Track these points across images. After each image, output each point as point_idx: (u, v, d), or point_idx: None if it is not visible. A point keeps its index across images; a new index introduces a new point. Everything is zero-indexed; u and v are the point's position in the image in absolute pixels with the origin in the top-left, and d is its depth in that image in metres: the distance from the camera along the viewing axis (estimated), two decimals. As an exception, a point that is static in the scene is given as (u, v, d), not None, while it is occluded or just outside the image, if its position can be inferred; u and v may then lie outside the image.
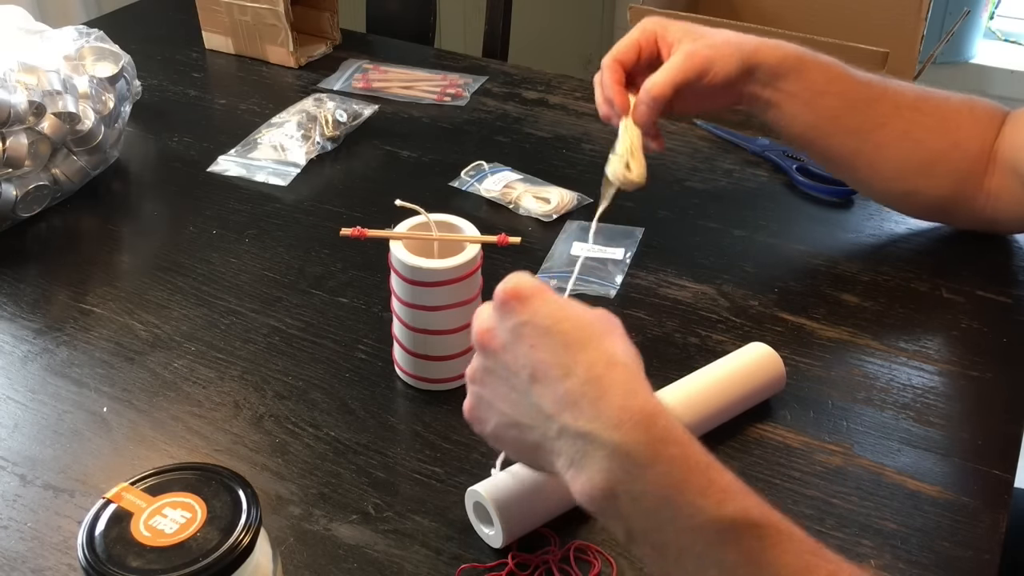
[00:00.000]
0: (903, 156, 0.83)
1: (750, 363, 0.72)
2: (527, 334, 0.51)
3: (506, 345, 0.52)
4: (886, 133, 0.82)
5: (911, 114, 0.82)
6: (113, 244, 0.94)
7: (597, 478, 0.48)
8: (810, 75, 0.81)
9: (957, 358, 0.78)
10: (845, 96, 0.82)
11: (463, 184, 1.01)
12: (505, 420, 0.53)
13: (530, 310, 0.51)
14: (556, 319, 0.51)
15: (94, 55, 1.00)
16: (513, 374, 0.52)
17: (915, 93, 0.83)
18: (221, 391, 0.75)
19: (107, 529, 0.47)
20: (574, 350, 0.50)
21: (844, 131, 0.83)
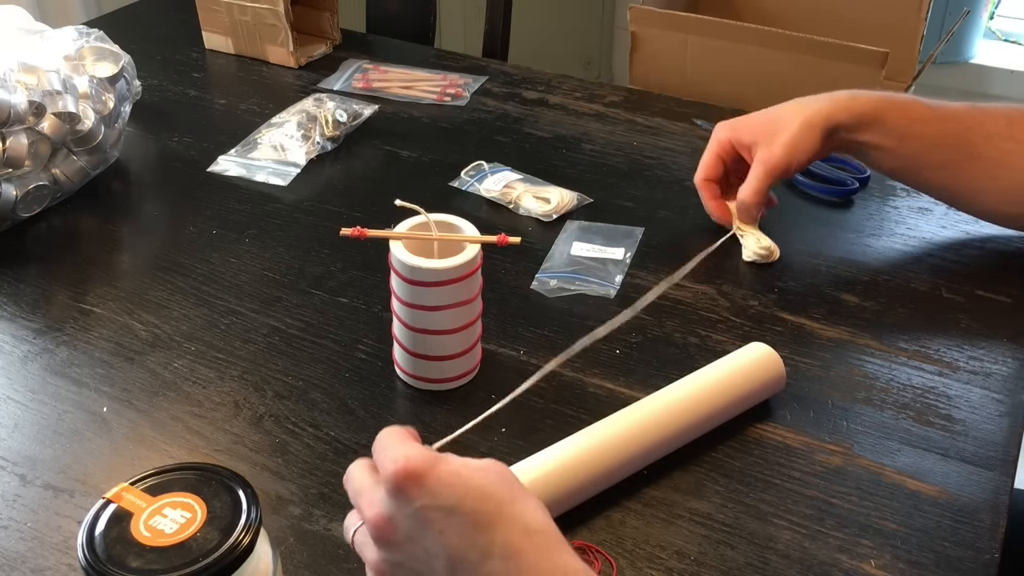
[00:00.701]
0: (1003, 186, 0.82)
1: (750, 363, 0.72)
2: (433, 519, 0.48)
3: (411, 535, 0.48)
4: (980, 166, 0.81)
5: (1004, 144, 0.80)
6: (113, 244, 0.94)
7: None
8: (888, 123, 0.82)
9: (957, 358, 0.77)
10: (928, 137, 0.82)
11: (463, 184, 1.01)
12: None
13: (429, 492, 0.48)
14: (459, 496, 0.48)
15: (94, 55, 1.00)
16: (425, 564, 0.49)
17: (1008, 118, 0.82)
18: (221, 391, 0.75)
19: (107, 529, 0.47)
20: (487, 527, 0.47)
21: (933, 167, 0.83)
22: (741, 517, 0.64)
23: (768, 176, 0.84)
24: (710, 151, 0.89)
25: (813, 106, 0.83)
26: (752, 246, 0.88)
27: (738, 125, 0.87)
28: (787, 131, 0.82)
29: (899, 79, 1.52)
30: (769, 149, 0.83)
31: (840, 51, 1.31)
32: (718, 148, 0.88)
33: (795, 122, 0.82)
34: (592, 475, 0.63)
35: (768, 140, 0.84)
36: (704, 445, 0.69)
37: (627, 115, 1.15)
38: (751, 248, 0.88)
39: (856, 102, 0.82)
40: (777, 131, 0.83)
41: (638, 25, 1.43)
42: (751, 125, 0.86)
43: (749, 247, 0.88)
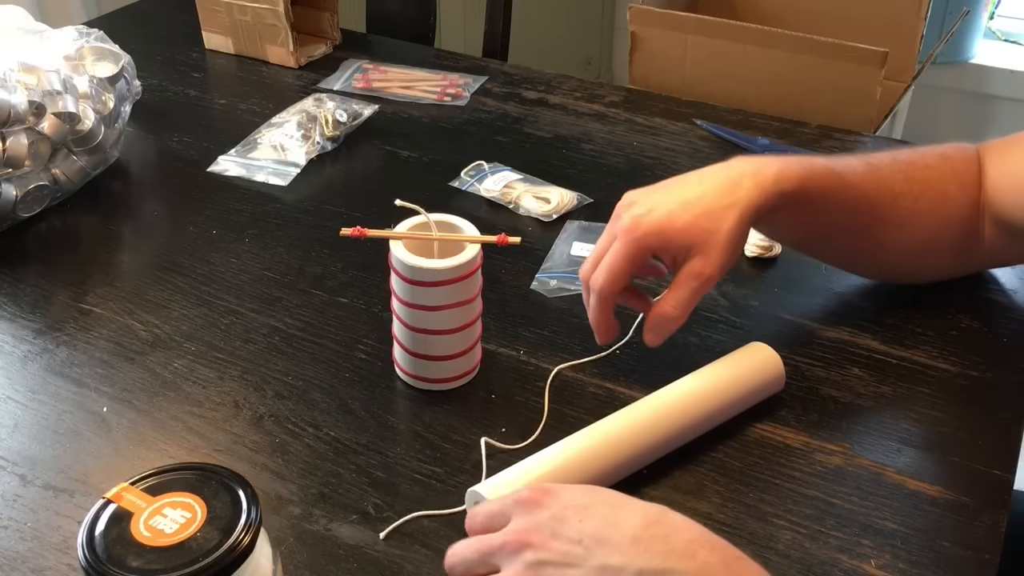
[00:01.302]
0: (902, 245, 0.80)
1: (750, 363, 0.72)
2: (570, 516, 0.52)
3: (554, 532, 0.51)
4: (884, 228, 0.79)
5: (906, 201, 0.78)
6: (113, 244, 0.94)
7: None
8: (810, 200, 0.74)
9: (957, 358, 0.77)
10: (841, 209, 0.77)
11: (463, 184, 1.01)
12: None
13: (561, 498, 0.53)
14: (587, 494, 0.53)
15: (94, 55, 1.00)
16: (570, 553, 0.51)
17: (903, 173, 0.79)
18: (221, 391, 0.75)
19: (107, 529, 0.47)
20: (620, 508, 0.52)
21: (842, 236, 0.79)
22: (741, 517, 0.64)
23: (701, 292, 0.70)
24: (624, 255, 0.70)
25: (742, 199, 0.71)
26: (752, 240, 0.88)
27: (666, 229, 0.70)
28: (723, 234, 0.69)
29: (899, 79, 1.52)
30: (706, 260, 0.69)
31: (840, 51, 1.31)
32: (637, 253, 0.70)
33: (730, 219, 0.70)
34: (592, 475, 0.63)
35: (705, 247, 0.69)
36: (704, 445, 0.69)
37: (627, 115, 1.15)
38: (752, 243, 0.88)
39: (783, 184, 0.72)
40: (713, 233, 0.69)
41: (638, 25, 1.43)
42: (685, 229, 0.70)
43: (750, 242, 0.88)
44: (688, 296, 0.70)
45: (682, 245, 0.70)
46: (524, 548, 0.51)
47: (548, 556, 0.51)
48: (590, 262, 0.73)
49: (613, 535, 0.50)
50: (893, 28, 1.52)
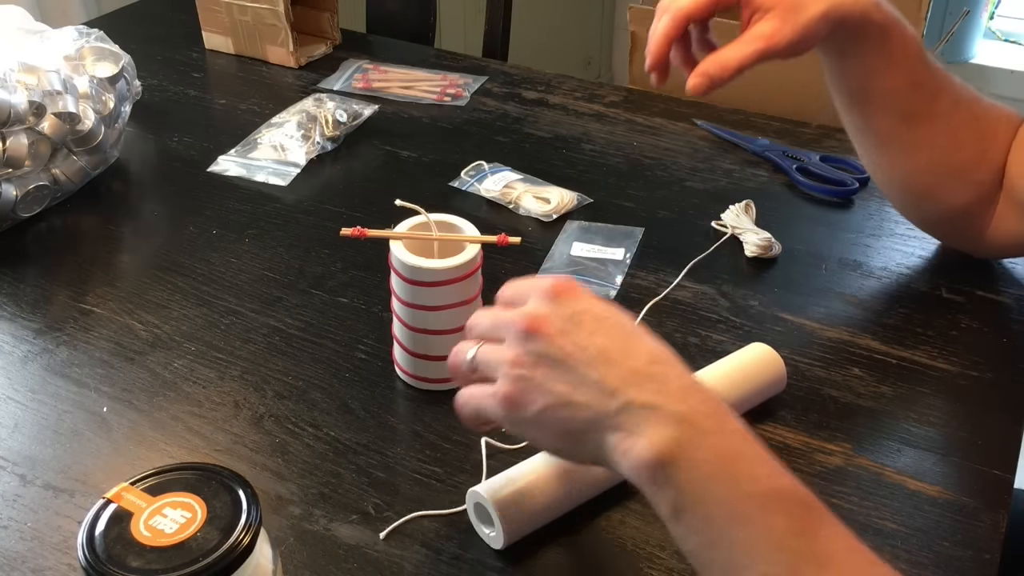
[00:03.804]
0: (938, 156, 0.80)
1: (750, 363, 0.72)
2: (586, 321, 0.53)
3: (564, 330, 0.52)
4: (933, 127, 0.79)
5: (963, 115, 0.79)
6: (113, 244, 0.94)
7: (659, 443, 0.48)
8: (886, 45, 0.75)
9: (957, 358, 0.77)
10: (910, 78, 0.77)
11: (463, 184, 1.01)
12: (556, 400, 0.52)
13: (584, 302, 0.54)
14: (610, 311, 0.54)
15: (94, 55, 1.00)
16: (572, 356, 0.52)
17: (970, 94, 0.80)
18: (221, 391, 0.75)
19: (107, 529, 0.47)
20: (633, 338, 0.53)
21: (894, 111, 0.79)
22: (741, 517, 0.64)
23: (764, 57, 0.71)
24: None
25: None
26: (752, 240, 0.88)
27: None
28: (810, 13, 0.71)
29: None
30: (783, 27, 0.71)
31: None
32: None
33: (817, 10, 0.71)
34: (593, 475, 0.63)
35: (785, 14, 0.71)
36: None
37: (627, 115, 1.15)
38: (752, 243, 0.88)
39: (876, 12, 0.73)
40: (796, 10, 0.71)
41: (638, 25, 1.43)
42: None
43: (750, 242, 0.88)
44: (748, 52, 0.71)
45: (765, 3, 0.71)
46: (532, 333, 0.53)
47: (550, 350, 0.52)
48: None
49: (617, 357, 0.51)
50: (893, 28, 1.51)
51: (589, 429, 0.52)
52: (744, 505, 0.47)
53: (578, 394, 0.51)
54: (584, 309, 0.53)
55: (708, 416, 0.50)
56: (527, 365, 0.53)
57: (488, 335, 0.56)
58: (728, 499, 0.48)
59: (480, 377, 0.56)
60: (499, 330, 0.55)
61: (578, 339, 0.52)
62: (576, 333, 0.52)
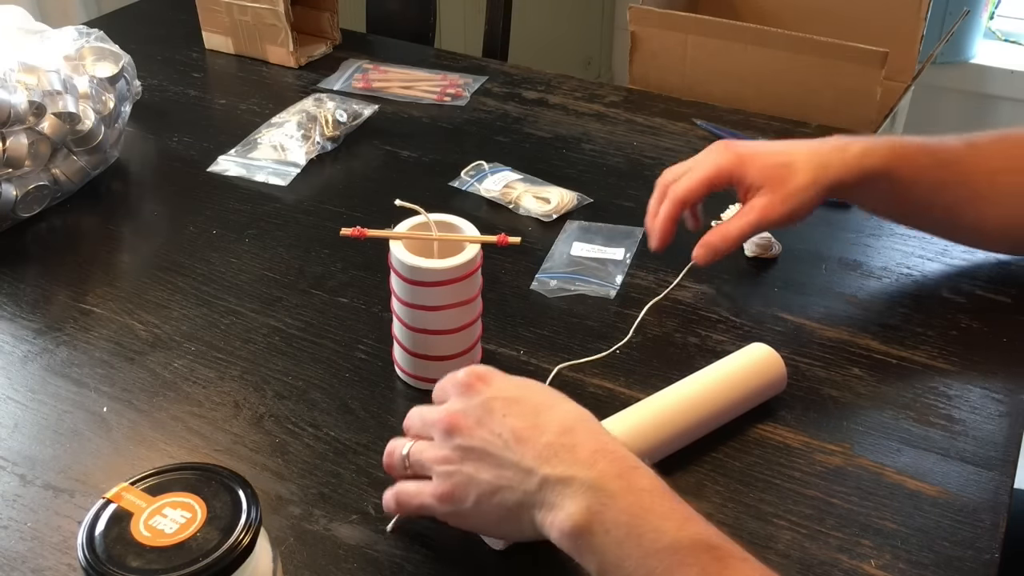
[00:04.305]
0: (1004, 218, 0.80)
1: (750, 363, 0.72)
2: (497, 407, 0.56)
3: (480, 420, 0.56)
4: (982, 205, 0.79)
5: (1006, 178, 0.79)
6: (113, 244, 0.94)
7: (576, 514, 0.52)
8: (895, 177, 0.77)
9: (957, 358, 0.77)
10: (932, 185, 0.79)
11: (463, 184, 1.01)
12: (486, 488, 0.56)
13: (494, 386, 0.58)
14: (519, 387, 0.58)
15: (94, 55, 1.00)
16: (490, 444, 0.56)
17: (998, 146, 0.80)
18: (221, 391, 0.75)
19: (107, 529, 0.47)
20: (543, 411, 0.56)
21: (936, 210, 0.80)
22: (741, 517, 0.64)
23: (760, 226, 0.76)
24: (703, 173, 0.77)
25: (826, 160, 0.76)
26: (752, 240, 0.88)
27: (746, 159, 0.77)
28: (796, 184, 0.75)
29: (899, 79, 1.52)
30: (773, 200, 0.75)
31: (840, 51, 1.31)
32: (715, 174, 0.77)
33: (807, 176, 0.75)
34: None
35: (775, 188, 0.75)
36: (704, 445, 0.69)
37: (627, 115, 1.15)
38: (752, 242, 0.88)
39: (867, 160, 0.76)
40: (786, 180, 0.75)
41: (638, 25, 1.43)
42: (762, 165, 0.76)
43: (750, 242, 0.88)
44: (744, 224, 0.76)
45: (756, 179, 0.76)
46: (453, 431, 0.57)
47: (471, 442, 0.56)
48: (673, 171, 0.81)
49: (529, 435, 0.55)
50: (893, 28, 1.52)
51: (519, 509, 0.55)
52: (653, 561, 0.50)
53: (503, 479, 0.55)
54: (493, 396, 0.57)
55: (617, 477, 0.53)
56: (455, 461, 0.57)
57: (420, 433, 0.60)
58: (640, 557, 0.51)
59: (414, 473, 0.60)
60: (427, 429, 0.59)
61: (492, 426, 0.56)
62: (490, 421, 0.56)
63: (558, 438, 0.54)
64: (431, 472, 0.58)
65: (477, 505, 0.57)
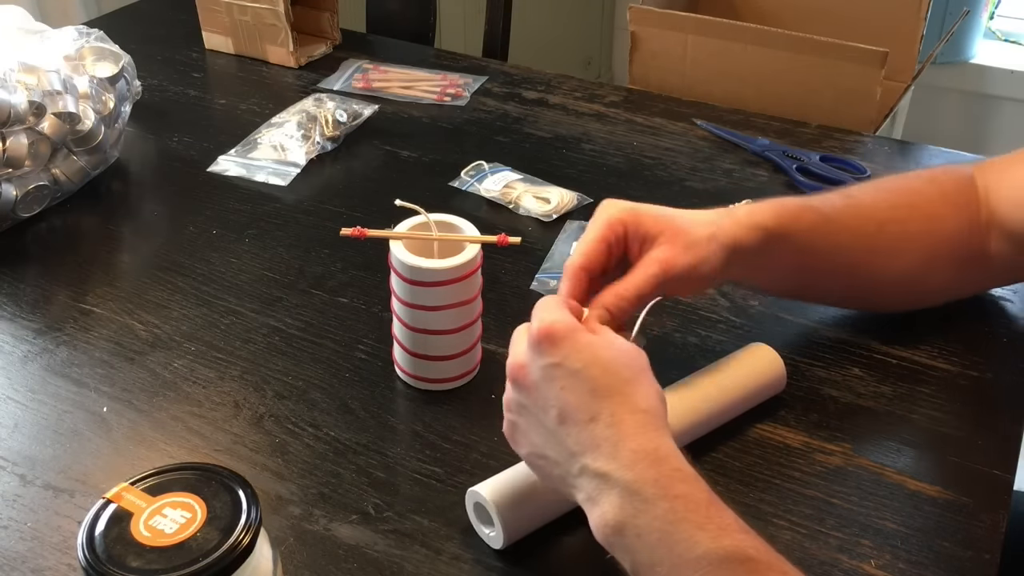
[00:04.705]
0: (898, 272, 0.77)
1: (750, 363, 0.72)
2: (558, 376, 0.55)
3: (537, 384, 0.56)
4: (875, 258, 0.77)
5: (893, 227, 0.76)
6: (113, 244, 0.94)
7: (609, 514, 0.52)
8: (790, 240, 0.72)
9: (957, 358, 0.77)
10: (826, 241, 0.74)
11: (463, 184, 1.01)
12: (535, 451, 0.58)
13: (562, 353, 0.55)
14: (586, 363, 0.55)
15: (94, 55, 1.00)
16: (543, 411, 0.56)
17: (887, 201, 0.78)
18: (221, 391, 0.75)
19: (107, 529, 0.47)
20: (601, 396, 0.54)
21: (834, 273, 0.77)
22: (741, 517, 0.64)
23: (662, 280, 0.65)
24: (595, 233, 0.67)
25: (715, 219, 0.69)
26: None
27: (637, 210, 0.68)
28: (696, 236, 0.67)
29: (899, 79, 1.52)
30: (673, 252, 0.66)
31: (840, 51, 1.31)
32: (608, 231, 0.67)
33: (703, 234, 0.67)
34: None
35: (673, 238, 0.66)
36: (704, 445, 0.69)
37: (627, 115, 1.15)
38: None
39: (757, 218, 0.70)
40: (685, 230, 0.67)
41: (638, 25, 1.43)
42: (657, 214, 0.68)
43: None
44: (643, 281, 0.65)
45: (651, 230, 0.67)
46: (514, 383, 0.58)
47: (527, 402, 0.57)
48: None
49: (580, 417, 0.54)
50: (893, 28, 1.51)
51: (561, 482, 0.56)
52: (686, 570, 0.50)
53: (549, 449, 0.56)
54: (558, 362, 0.55)
55: (653, 483, 0.52)
56: (514, 411, 0.58)
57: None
58: (672, 565, 0.50)
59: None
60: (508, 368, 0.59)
61: (549, 394, 0.55)
62: (548, 388, 0.55)
63: (605, 429, 0.54)
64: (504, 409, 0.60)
65: (527, 457, 0.59)
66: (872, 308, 0.83)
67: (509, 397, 0.59)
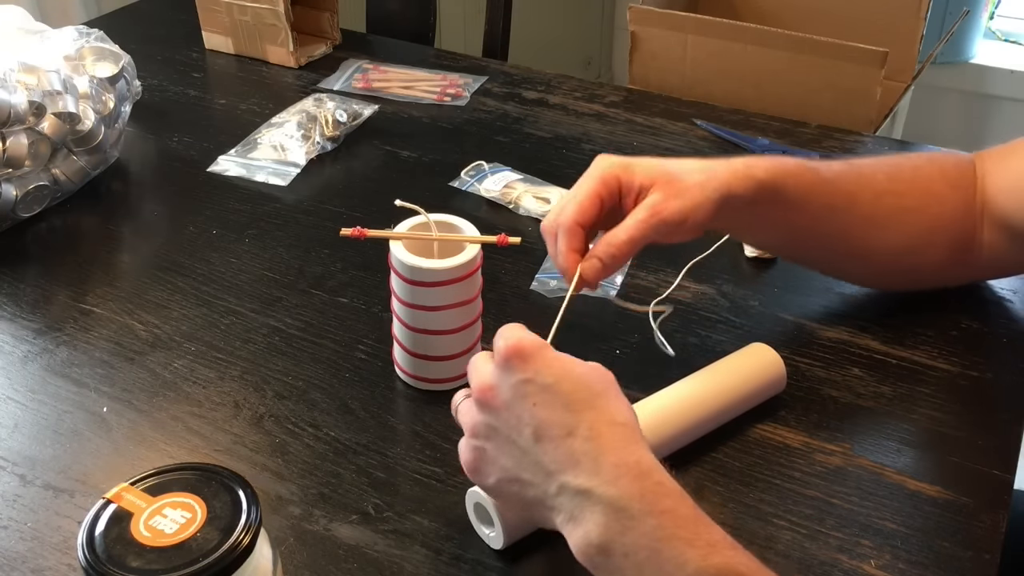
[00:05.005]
0: (890, 245, 0.78)
1: (750, 363, 0.72)
2: (530, 392, 0.53)
3: (508, 403, 0.54)
4: (868, 227, 0.77)
5: (889, 199, 0.77)
6: (113, 244, 0.94)
7: (593, 532, 0.50)
8: (785, 193, 0.72)
9: (957, 358, 0.77)
10: (821, 205, 0.75)
11: (463, 184, 1.01)
12: (506, 475, 0.55)
13: (532, 368, 0.54)
14: (557, 378, 0.53)
15: (94, 55, 1.00)
16: (516, 431, 0.54)
17: (886, 173, 0.78)
18: (221, 391, 0.75)
19: (107, 529, 0.47)
20: (576, 410, 0.53)
21: (826, 236, 0.77)
22: (741, 517, 0.64)
23: (655, 227, 0.66)
24: (589, 187, 0.68)
25: (711, 167, 0.70)
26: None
27: (630, 163, 0.69)
28: (687, 183, 0.68)
29: (899, 79, 1.52)
30: (664, 197, 0.67)
31: (840, 51, 1.31)
32: (601, 185, 0.68)
33: (695, 180, 0.68)
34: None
35: (665, 187, 0.67)
36: (704, 445, 0.69)
37: (627, 115, 1.15)
38: None
39: (753, 170, 0.71)
40: (674, 181, 0.68)
41: (638, 25, 1.43)
42: (647, 167, 0.69)
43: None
44: (633, 227, 0.66)
45: (644, 181, 0.68)
46: (482, 404, 0.55)
47: (497, 424, 0.55)
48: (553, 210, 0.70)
49: (556, 433, 0.52)
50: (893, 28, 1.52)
51: (538, 505, 0.54)
52: None
53: (523, 471, 0.54)
54: (529, 378, 0.53)
55: (639, 498, 0.50)
56: (481, 436, 0.56)
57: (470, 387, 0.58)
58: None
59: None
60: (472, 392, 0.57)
61: (522, 412, 0.53)
62: (520, 405, 0.53)
63: (583, 444, 0.52)
64: (465, 437, 0.57)
65: (496, 485, 0.56)
66: (862, 282, 0.84)
67: (475, 422, 0.56)
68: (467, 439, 0.57)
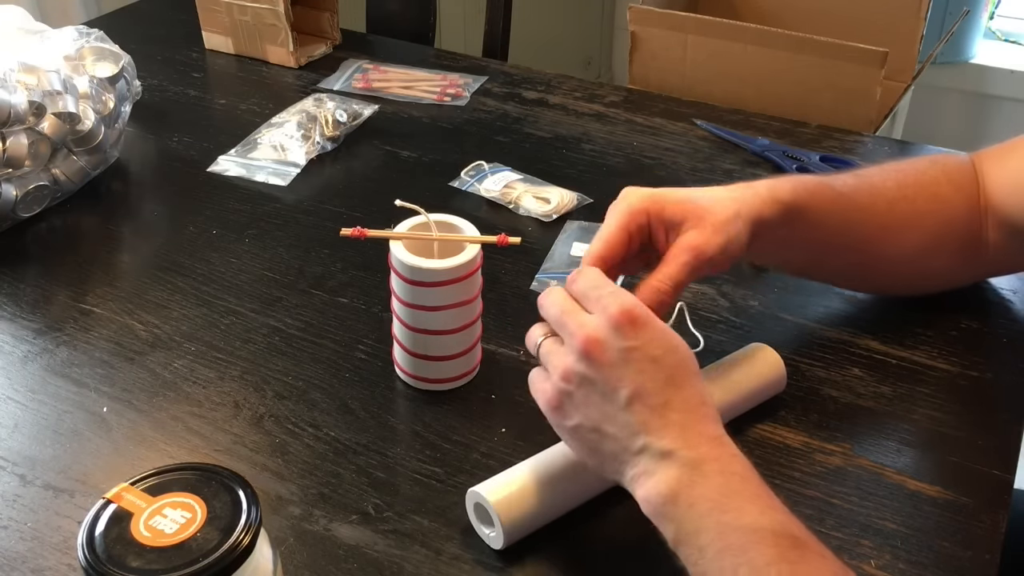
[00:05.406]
0: (906, 250, 0.78)
1: (750, 363, 0.72)
2: (636, 359, 0.55)
3: (614, 363, 0.56)
4: (884, 235, 0.77)
5: (902, 205, 0.77)
6: (113, 244, 0.94)
7: (663, 483, 0.54)
8: (808, 213, 0.72)
9: (957, 358, 0.77)
10: (839, 217, 0.75)
11: (463, 184, 1.01)
12: (589, 423, 0.57)
13: (642, 338, 0.56)
14: (664, 350, 0.56)
15: (94, 55, 1.00)
16: (612, 390, 0.56)
17: (895, 180, 0.78)
18: (221, 391, 0.75)
19: (107, 529, 0.47)
20: (674, 385, 0.56)
21: (844, 249, 0.77)
22: (741, 517, 0.64)
23: (695, 267, 0.65)
24: (617, 222, 0.66)
25: (738, 195, 0.69)
26: None
27: (658, 196, 0.67)
28: (722, 217, 0.66)
29: (899, 79, 1.52)
30: (702, 235, 0.65)
31: (840, 51, 1.31)
32: (630, 220, 0.66)
33: (729, 213, 0.67)
34: (592, 476, 0.63)
35: (698, 223, 0.66)
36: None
37: (627, 115, 1.15)
38: None
39: (778, 193, 0.70)
40: (707, 215, 0.66)
41: (638, 25, 1.43)
42: (677, 200, 0.67)
43: None
44: (677, 270, 0.64)
45: (675, 216, 0.66)
46: (586, 356, 0.56)
47: (596, 378, 0.56)
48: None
49: (653, 402, 0.55)
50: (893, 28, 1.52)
51: (612, 458, 0.57)
52: (731, 537, 0.52)
53: (608, 425, 0.56)
54: (639, 347, 0.56)
55: (714, 460, 0.54)
56: (573, 381, 0.57)
57: (553, 324, 0.60)
58: (718, 532, 0.52)
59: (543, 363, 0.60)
60: (563, 330, 0.58)
61: (624, 376, 0.55)
62: (624, 369, 0.55)
63: (676, 415, 0.55)
64: (552, 376, 0.58)
65: (574, 429, 0.58)
66: (877, 289, 0.84)
67: (570, 368, 0.57)
68: (555, 380, 0.58)
